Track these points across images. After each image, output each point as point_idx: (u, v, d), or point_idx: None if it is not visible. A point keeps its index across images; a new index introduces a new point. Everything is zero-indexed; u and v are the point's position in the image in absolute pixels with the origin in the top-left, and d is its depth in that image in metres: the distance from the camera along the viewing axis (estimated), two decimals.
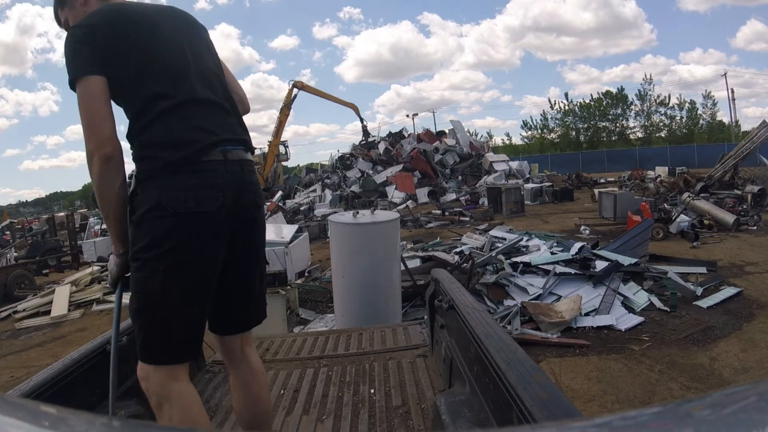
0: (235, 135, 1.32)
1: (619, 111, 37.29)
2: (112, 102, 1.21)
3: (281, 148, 22.25)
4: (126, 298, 1.28)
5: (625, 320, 4.26)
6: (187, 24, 1.39)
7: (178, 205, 1.17)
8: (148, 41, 1.23)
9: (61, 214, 17.68)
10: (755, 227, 8.18)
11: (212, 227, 1.21)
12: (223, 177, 1.23)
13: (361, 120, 23.44)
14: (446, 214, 12.64)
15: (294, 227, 8.41)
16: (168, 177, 1.18)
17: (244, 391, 1.40)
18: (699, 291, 4.82)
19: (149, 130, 1.20)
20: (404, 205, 14.76)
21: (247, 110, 1.53)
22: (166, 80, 1.23)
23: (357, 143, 23.48)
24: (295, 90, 21.27)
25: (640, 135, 37.22)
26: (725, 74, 32.50)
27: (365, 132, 23.19)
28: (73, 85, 1.16)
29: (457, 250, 6.52)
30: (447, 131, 23.03)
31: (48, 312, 6.68)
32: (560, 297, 4.69)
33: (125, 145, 1.25)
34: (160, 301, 1.17)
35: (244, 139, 1.36)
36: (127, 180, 1.24)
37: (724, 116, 38.13)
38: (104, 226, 13.58)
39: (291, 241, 7.11)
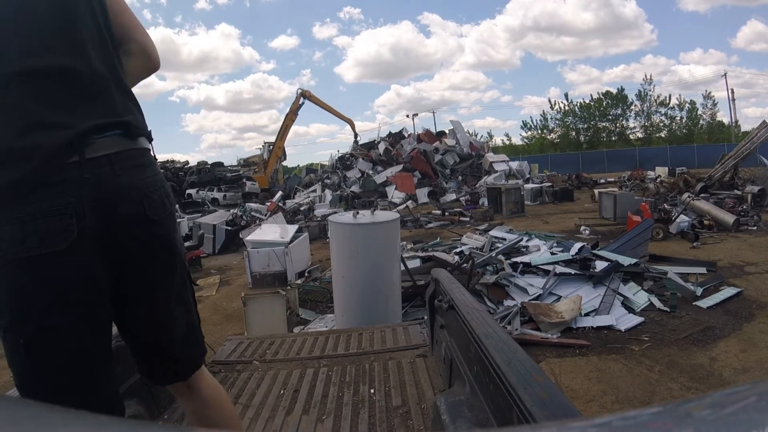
0: (109, 115, 0.90)
1: (619, 111, 37.35)
2: None
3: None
4: None
5: (625, 320, 4.26)
6: None
7: (12, 248, 0.80)
8: None
9: None
10: (755, 227, 8.18)
11: (69, 272, 0.84)
12: (76, 190, 0.83)
13: (356, 135, 24.50)
14: (446, 214, 12.65)
15: (294, 227, 8.42)
16: None
17: (201, 424, 1.14)
18: (699, 291, 4.82)
19: None
20: (404, 205, 14.76)
21: (151, 65, 1.11)
22: None
23: (357, 144, 23.79)
24: (302, 98, 22.13)
25: (640, 135, 37.31)
26: (725, 74, 32.59)
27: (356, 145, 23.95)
28: None
29: (457, 250, 6.52)
30: (447, 131, 23.09)
31: None
32: (560, 297, 4.69)
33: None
34: (36, 389, 0.86)
35: (123, 122, 0.92)
36: None
37: (724, 116, 38.25)
38: None
39: (291, 241, 7.12)
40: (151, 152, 1.02)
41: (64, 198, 0.82)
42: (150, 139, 1.02)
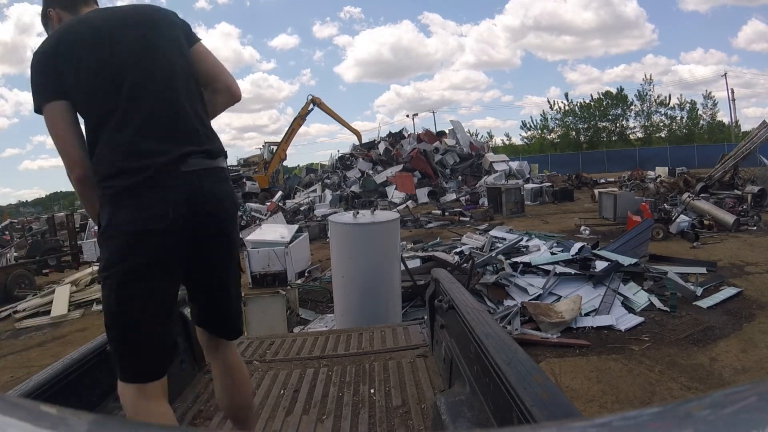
0: (195, 145, 1.24)
1: (619, 111, 37.33)
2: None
3: (274, 149, 22.73)
4: None
5: (625, 320, 4.26)
6: (148, 24, 1.27)
7: (126, 225, 1.15)
8: (94, 58, 1.17)
9: (61, 214, 17.67)
10: (755, 227, 8.18)
11: (161, 246, 1.17)
12: (173, 191, 1.18)
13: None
14: (446, 214, 12.64)
15: (294, 227, 8.41)
16: (117, 197, 1.17)
17: (221, 383, 1.46)
18: (699, 291, 4.82)
19: (96, 155, 1.18)
20: (404, 205, 14.75)
21: (233, 98, 1.41)
22: (112, 97, 1.17)
23: (356, 144, 23.71)
24: (312, 105, 21.94)
25: (640, 135, 37.29)
26: (725, 74, 32.57)
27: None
28: (39, 112, 1.18)
29: (457, 250, 6.52)
30: (447, 131, 23.05)
31: (48, 312, 6.67)
32: (560, 297, 4.69)
33: None
34: (118, 321, 1.18)
35: (206, 149, 1.27)
36: None
37: (724, 116, 38.21)
38: None
39: (291, 241, 7.12)
40: (226, 168, 1.37)
41: (166, 196, 1.17)
42: (225, 157, 1.37)
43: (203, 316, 1.42)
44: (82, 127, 1.22)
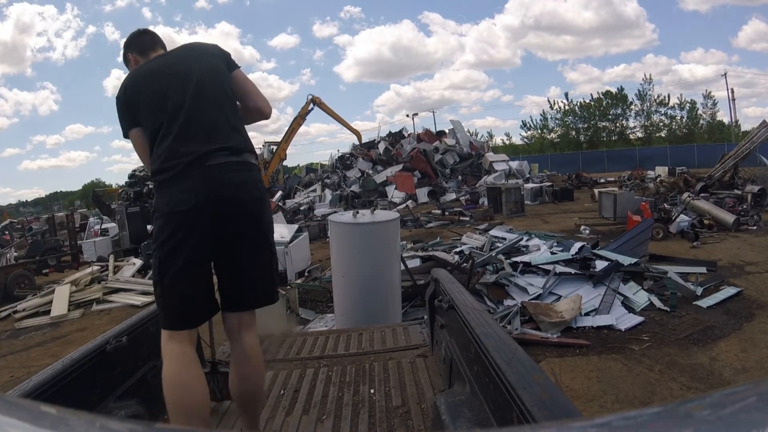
0: (221, 144, 1.55)
1: (619, 111, 37.32)
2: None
3: (274, 149, 22.67)
4: None
5: (625, 320, 4.26)
6: (188, 58, 1.66)
7: (163, 207, 1.51)
8: (148, 93, 1.58)
9: (61, 214, 17.69)
10: (755, 227, 8.18)
11: (189, 222, 1.48)
12: (197, 180, 1.49)
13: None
14: (446, 213, 12.64)
15: (294, 227, 8.40)
16: (158, 187, 1.55)
17: (236, 369, 1.61)
18: (699, 291, 4.82)
19: (152, 159, 1.57)
20: (404, 205, 14.75)
21: (262, 115, 1.76)
22: (159, 117, 1.55)
23: (356, 143, 23.68)
24: (312, 104, 21.87)
25: (640, 135, 37.27)
26: (725, 74, 32.58)
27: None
28: (126, 136, 1.64)
29: (457, 250, 6.52)
30: (447, 131, 23.05)
31: (48, 312, 6.67)
32: (560, 297, 4.69)
33: None
34: (158, 282, 1.52)
35: (230, 147, 1.57)
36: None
37: (724, 116, 38.15)
38: (104, 226, 13.70)
39: (291, 241, 7.11)
40: (253, 162, 1.63)
41: (192, 184, 1.48)
42: (254, 154, 1.66)
43: (230, 290, 1.60)
44: None
